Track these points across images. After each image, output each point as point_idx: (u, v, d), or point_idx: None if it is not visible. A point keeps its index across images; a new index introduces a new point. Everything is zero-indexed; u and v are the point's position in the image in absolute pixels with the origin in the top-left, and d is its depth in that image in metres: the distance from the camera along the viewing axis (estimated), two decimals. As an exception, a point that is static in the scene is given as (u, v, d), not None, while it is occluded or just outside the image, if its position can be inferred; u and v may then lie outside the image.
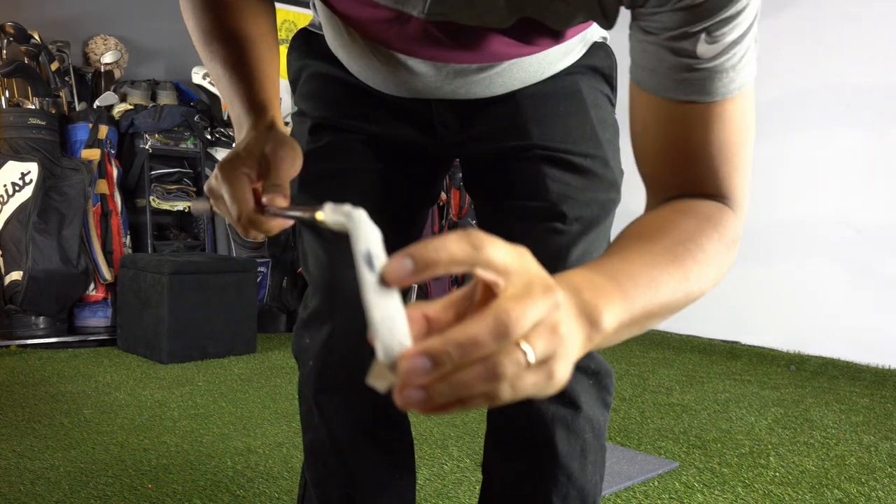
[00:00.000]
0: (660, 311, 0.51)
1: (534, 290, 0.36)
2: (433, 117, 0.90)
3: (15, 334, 3.21)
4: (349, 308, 0.91)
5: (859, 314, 3.11)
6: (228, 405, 2.38)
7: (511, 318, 0.34)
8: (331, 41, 0.89)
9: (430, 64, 0.80)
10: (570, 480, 0.90)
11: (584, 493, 0.91)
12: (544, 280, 0.37)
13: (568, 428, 0.89)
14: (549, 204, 0.86)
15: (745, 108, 0.61)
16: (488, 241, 0.36)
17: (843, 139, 3.17)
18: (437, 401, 0.35)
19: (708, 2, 0.55)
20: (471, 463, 1.89)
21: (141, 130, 3.61)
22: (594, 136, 0.89)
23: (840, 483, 1.82)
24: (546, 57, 0.82)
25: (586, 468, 0.91)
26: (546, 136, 0.88)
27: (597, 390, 0.91)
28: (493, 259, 0.36)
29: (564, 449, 0.89)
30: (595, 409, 0.91)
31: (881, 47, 3.04)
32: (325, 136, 0.92)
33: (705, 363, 3.35)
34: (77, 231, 3.28)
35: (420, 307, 0.37)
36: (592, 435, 0.91)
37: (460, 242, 0.35)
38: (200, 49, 0.80)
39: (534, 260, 0.39)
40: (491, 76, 0.82)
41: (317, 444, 0.98)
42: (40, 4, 3.77)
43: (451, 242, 0.35)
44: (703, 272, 0.55)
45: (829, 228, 3.21)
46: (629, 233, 0.57)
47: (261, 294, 3.79)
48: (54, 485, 1.67)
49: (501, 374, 0.34)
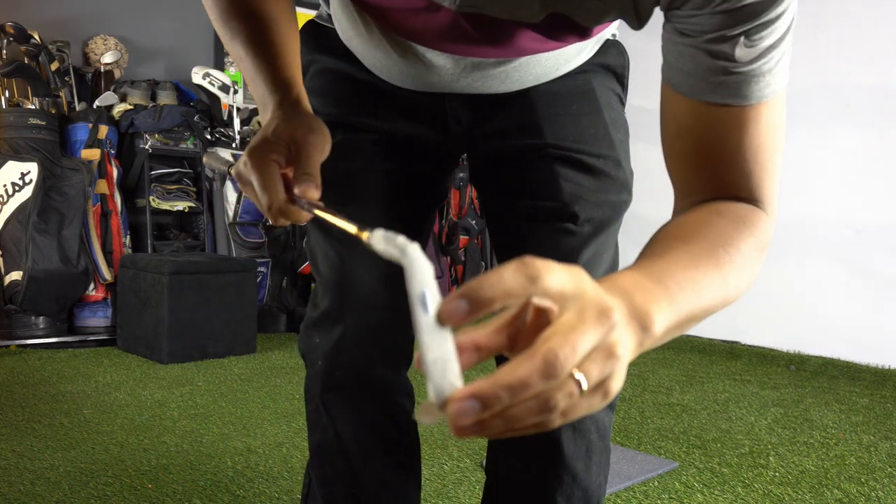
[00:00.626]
0: (701, 315, 0.51)
1: (587, 318, 0.35)
2: (446, 113, 0.89)
3: (15, 334, 3.21)
4: (360, 309, 0.91)
5: (859, 314, 3.11)
6: (228, 405, 2.38)
7: (559, 359, 0.33)
8: (344, 31, 0.88)
9: (448, 57, 0.79)
10: (574, 481, 0.90)
11: (589, 493, 0.91)
12: (599, 303, 0.36)
13: (574, 428, 0.89)
14: (562, 204, 0.86)
15: (778, 111, 0.61)
16: (545, 271, 0.36)
17: (843, 139, 3.17)
18: (489, 433, 0.35)
19: (749, 6, 0.55)
20: (471, 463, 1.89)
21: (141, 130, 3.60)
22: (607, 137, 0.88)
23: (840, 483, 1.82)
24: (563, 53, 0.82)
25: (591, 469, 0.91)
26: (559, 135, 0.87)
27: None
28: (549, 288, 0.36)
29: (570, 449, 0.89)
30: (600, 411, 0.89)
31: (881, 47, 3.05)
32: (335, 135, 0.92)
33: (705, 363, 3.35)
34: (77, 231, 3.28)
35: (470, 335, 0.37)
36: (598, 436, 0.91)
37: (517, 276, 0.35)
38: (220, 27, 0.79)
39: (588, 279, 0.38)
40: (508, 70, 0.81)
41: (323, 443, 0.98)
42: (40, 4, 3.77)
43: (507, 277, 0.35)
44: (740, 275, 0.55)
45: (828, 228, 3.21)
46: (668, 234, 0.56)
47: (261, 294, 3.79)
48: (54, 485, 1.66)
49: (553, 407, 0.34)
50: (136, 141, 3.61)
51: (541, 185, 0.87)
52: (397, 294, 1.02)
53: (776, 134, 0.62)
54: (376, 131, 0.91)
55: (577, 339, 0.34)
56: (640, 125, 2.00)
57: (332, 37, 0.93)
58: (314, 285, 1.00)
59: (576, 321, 0.35)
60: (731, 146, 0.60)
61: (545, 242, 0.88)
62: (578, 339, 0.34)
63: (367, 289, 0.91)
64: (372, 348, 0.94)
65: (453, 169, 1.01)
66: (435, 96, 0.88)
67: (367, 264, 0.91)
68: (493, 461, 0.98)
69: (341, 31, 0.89)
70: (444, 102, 0.88)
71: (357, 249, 0.92)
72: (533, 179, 0.88)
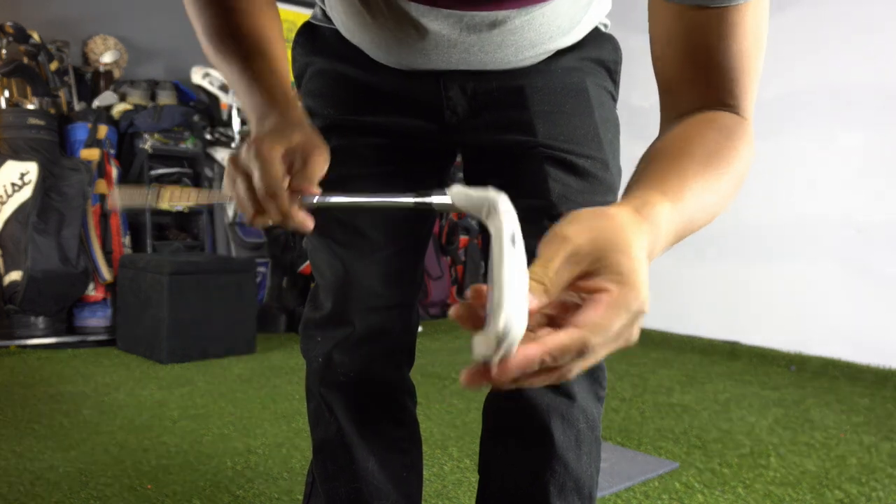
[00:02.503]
0: (700, 223, 0.58)
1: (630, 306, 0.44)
2: (442, 103, 0.89)
3: (14, 334, 3.20)
4: (364, 311, 0.93)
5: (860, 314, 3.11)
6: (228, 405, 2.38)
7: (592, 343, 0.42)
8: (338, 14, 0.88)
9: (443, 17, 0.79)
10: (566, 470, 0.91)
11: (580, 483, 0.92)
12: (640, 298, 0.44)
13: (563, 417, 0.90)
14: (549, 204, 0.87)
15: (760, 16, 0.64)
16: (637, 276, 0.44)
17: (843, 139, 3.16)
18: (521, 384, 0.43)
19: None
20: (471, 463, 1.89)
21: (140, 130, 3.60)
22: (596, 138, 0.89)
23: (841, 483, 1.82)
24: (554, 15, 0.82)
25: (581, 458, 0.92)
26: (551, 134, 0.88)
27: (589, 383, 0.92)
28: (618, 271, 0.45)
29: (560, 438, 0.90)
30: (588, 401, 0.92)
31: (881, 47, 3.04)
32: (332, 139, 0.92)
33: (705, 363, 3.35)
34: (76, 231, 3.27)
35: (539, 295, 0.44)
36: (587, 426, 0.92)
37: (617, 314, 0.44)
38: (211, 46, 0.79)
39: (645, 267, 0.46)
40: (503, 33, 0.81)
41: (326, 439, 0.99)
42: (40, 4, 3.76)
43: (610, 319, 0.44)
44: (732, 182, 0.61)
45: (829, 228, 3.21)
46: (663, 149, 0.61)
47: (260, 294, 3.79)
48: (54, 485, 1.66)
49: (571, 373, 0.44)
50: (135, 141, 3.61)
51: (530, 183, 0.88)
52: (400, 294, 1.04)
53: (758, 40, 0.65)
54: (373, 131, 0.92)
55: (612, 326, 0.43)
56: (637, 125, 2.01)
57: (328, 37, 0.94)
58: (314, 285, 1.01)
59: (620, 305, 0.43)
60: (717, 50, 0.64)
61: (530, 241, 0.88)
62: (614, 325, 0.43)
63: (370, 291, 0.93)
64: (376, 348, 0.96)
65: (449, 168, 1.02)
66: (432, 82, 0.88)
67: (370, 267, 0.93)
68: (486, 457, 1.00)
69: (336, 15, 0.89)
70: (440, 90, 0.89)
71: (359, 252, 0.93)
72: (523, 177, 0.89)
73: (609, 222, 0.46)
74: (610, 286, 0.44)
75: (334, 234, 0.93)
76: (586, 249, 0.44)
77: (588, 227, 0.45)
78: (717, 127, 0.63)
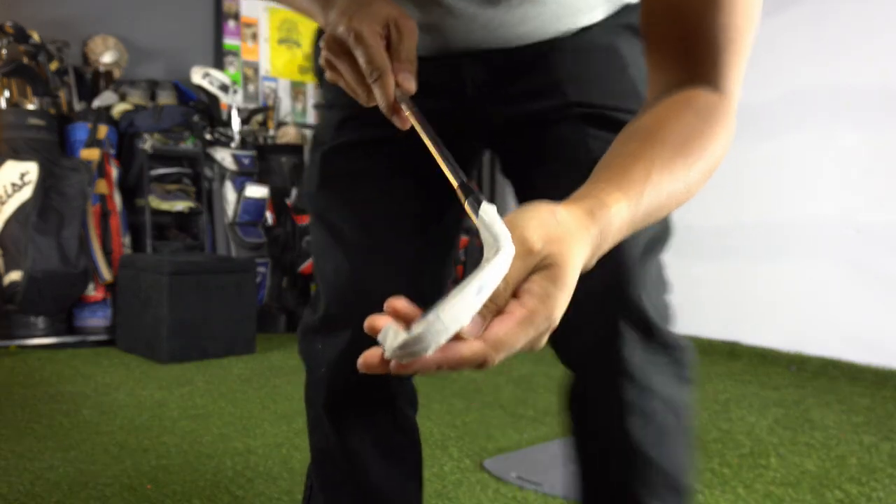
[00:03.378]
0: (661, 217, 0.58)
1: (539, 326, 0.45)
2: (463, 79, 0.85)
3: (14, 334, 3.21)
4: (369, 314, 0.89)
5: (860, 314, 3.11)
6: (228, 405, 2.38)
7: (492, 358, 0.44)
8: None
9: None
10: (651, 468, 0.83)
11: (670, 478, 0.84)
12: (551, 317, 0.46)
13: (641, 412, 0.82)
14: (591, 163, 0.84)
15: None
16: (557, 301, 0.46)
17: (843, 139, 3.16)
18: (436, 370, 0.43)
19: None
20: (471, 463, 1.89)
21: (140, 130, 3.60)
22: (635, 93, 0.83)
23: (841, 483, 1.82)
24: None
25: (667, 452, 0.84)
26: (584, 93, 0.83)
27: (672, 367, 0.84)
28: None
29: (639, 436, 0.82)
30: (671, 388, 0.84)
31: (881, 47, 3.04)
32: (352, 133, 0.88)
33: (705, 363, 3.35)
34: (76, 231, 3.27)
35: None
36: (671, 415, 0.84)
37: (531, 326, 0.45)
38: None
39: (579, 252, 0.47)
40: (524, 5, 0.76)
41: (326, 449, 0.97)
42: (39, 4, 3.76)
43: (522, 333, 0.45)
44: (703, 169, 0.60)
45: (829, 228, 3.21)
46: (637, 131, 0.61)
47: (260, 294, 3.79)
48: (53, 485, 1.66)
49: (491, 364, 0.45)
50: (135, 141, 3.61)
51: (568, 146, 0.82)
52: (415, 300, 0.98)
53: (750, 17, 0.63)
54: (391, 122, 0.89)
55: (512, 346, 0.45)
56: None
57: None
58: (314, 286, 0.98)
59: (519, 334, 0.44)
60: (703, 18, 0.62)
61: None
62: (513, 346, 0.45)
63: (378, 294, 0.88)
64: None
65: (474, 162, 0.96)
66: (452, 65, 0.84)
67: (381, 269, 0.87)
68: (580, 465, 0.91)
69: None
70: (460, 70, 0.84)
71: (369, 252, 0.88)
72: (559, 143, 0.83)
73: (557, 230, 0.47)
74: (528, 300, 0.45)
75: (342, 231, 0.88)
76: (538, 251, 0.46)
77: (545, 232, 0.47)
78: (695, 109, 0.61)
